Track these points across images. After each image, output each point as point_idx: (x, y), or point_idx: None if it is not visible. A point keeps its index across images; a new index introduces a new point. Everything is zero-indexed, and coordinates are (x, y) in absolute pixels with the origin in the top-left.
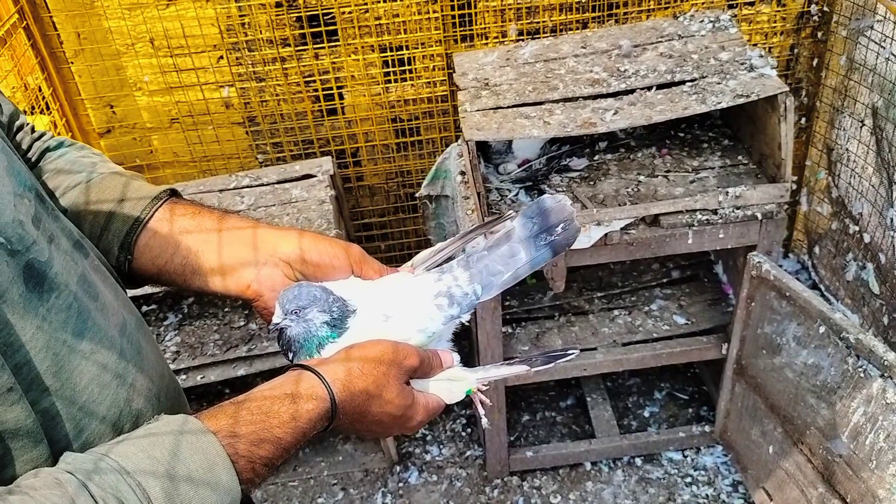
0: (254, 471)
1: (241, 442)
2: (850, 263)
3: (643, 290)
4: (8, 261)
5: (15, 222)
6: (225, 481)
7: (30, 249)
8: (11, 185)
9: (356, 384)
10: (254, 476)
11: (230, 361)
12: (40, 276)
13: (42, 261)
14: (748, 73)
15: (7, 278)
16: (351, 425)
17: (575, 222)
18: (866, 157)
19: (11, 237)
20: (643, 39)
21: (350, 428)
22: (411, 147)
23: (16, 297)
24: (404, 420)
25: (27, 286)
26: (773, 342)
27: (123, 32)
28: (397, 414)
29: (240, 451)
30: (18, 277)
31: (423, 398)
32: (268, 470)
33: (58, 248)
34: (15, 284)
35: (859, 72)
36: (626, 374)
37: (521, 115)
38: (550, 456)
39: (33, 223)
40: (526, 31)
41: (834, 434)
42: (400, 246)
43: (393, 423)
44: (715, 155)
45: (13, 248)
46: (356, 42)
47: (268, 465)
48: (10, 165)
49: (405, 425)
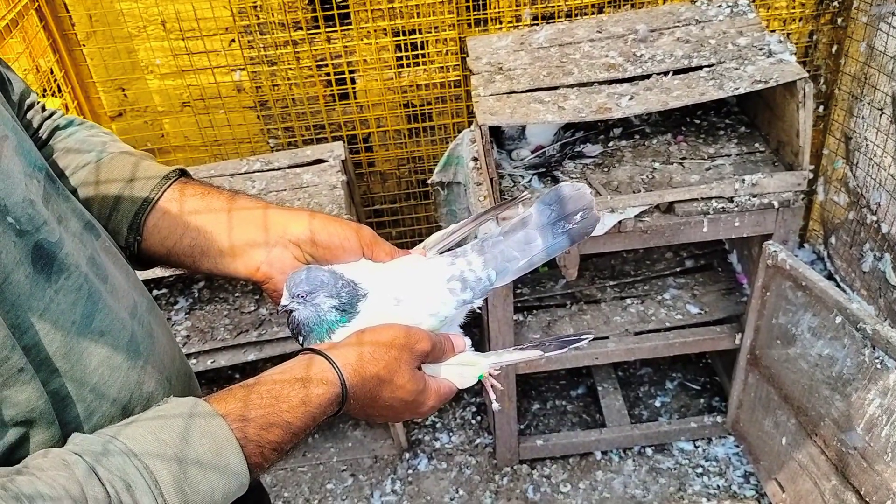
0: (262, 455)
1: (251, 426)
2: (867, 254)
3: (656, 278)
4: (16, 241)
5: (25, 202)
6: (234, 465)
7: (39, 230)
8: (21, 164)
9: (367, 369)
10: (262, 461)
11: (240, 346)
12: (49, 257)
13: (52, 241)
14: (766, 58)
15: (13, 259)
16: (362, 410)
17: (594, 210)
18: (885, 147)
19: (21, 217)
20: (660, 24)
21: (361, 413)
22: (423, 133)
23: (21, 278)
24: (415, 405)
25: (35, 267)
26: (788, 332)
27: (135, 15)
28: (409, 399)
29: (249, 434)
30: (26, 258)
31: (434, 383)
32: (277, 454)
33: (67, 230)
34: (21, 266)
35: (879, 59)
36: (638, 363)
37: (535, 99)
38: (560, 445)
39: (43, 203)
40: (541, 16)
41: (849, 426)
42: (411, 232)
43: (404, 409)
44: (731, 142)
45: (22, 227)
46: (369, 26)
47: (277, 450)
48: (20, 145)
49: (416, 410)
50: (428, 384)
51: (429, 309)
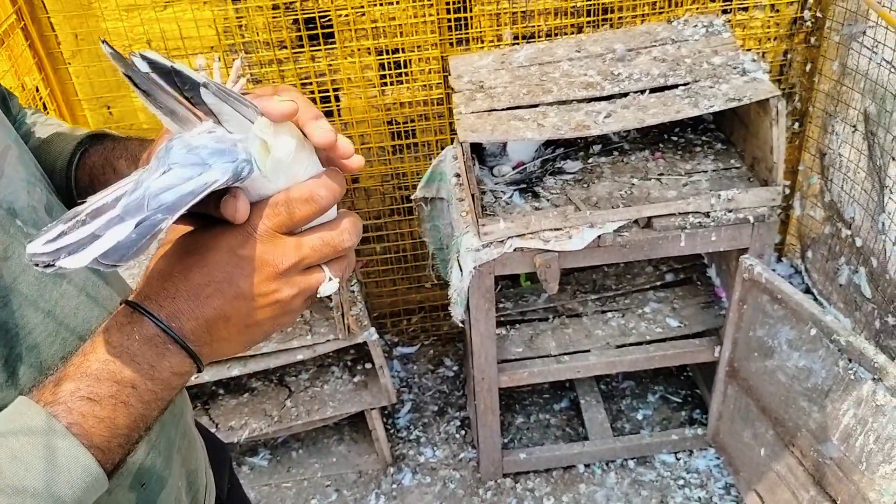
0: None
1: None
2: (843, 267)
3: (636, 292)
4: (24, 243)
5: (29, 207)
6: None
7: None
8: (24, 173)
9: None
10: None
11: (224, 362)
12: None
13: None
14: (741, 77)
15: (25, 260)
16: (229, 348)
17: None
18: (858, 162)
19: (27, 220)
20: (637, 44)
21: (230, 349)
22: (407, 149)
23: (31, 279)
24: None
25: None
26: (766, 345)
27: (121, 34)
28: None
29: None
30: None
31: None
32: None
33: None
34: (31, 267)
35: (851, 77)
36: (620, 376)
37: (515, 117)
38: (544, 458)
39: (45, 211)
40: (521, 35)
41: (825, 436)
42: (395, 248)
43: (271, 303)
44: (708, 158)
45: (28, 231)
46: (352, 45)
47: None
48: (22, 156)
49: (284, 296)
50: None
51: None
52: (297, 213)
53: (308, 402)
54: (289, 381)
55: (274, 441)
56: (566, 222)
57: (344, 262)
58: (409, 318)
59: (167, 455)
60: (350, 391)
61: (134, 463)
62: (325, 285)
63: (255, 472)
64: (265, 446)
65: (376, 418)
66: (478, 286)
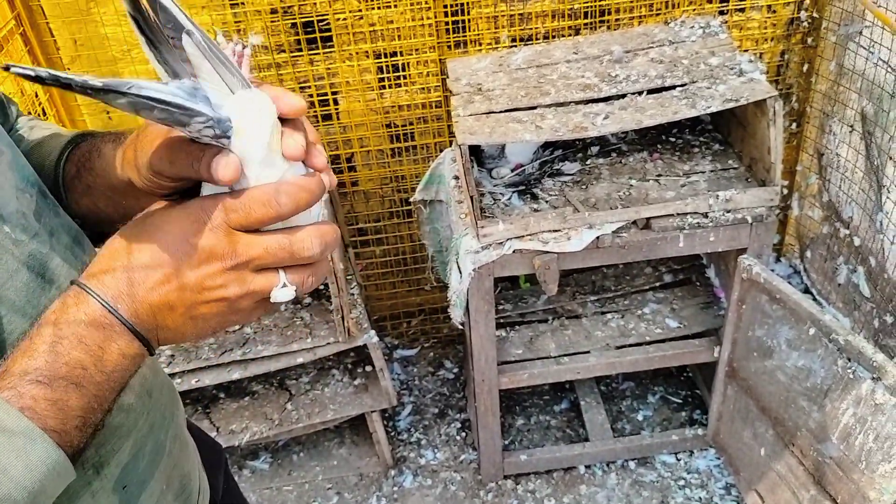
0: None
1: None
2: (841, 267)
3: (636, 293)
4: (12, 250)
5: (18, 213)
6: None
7: (32, 241)
8: (14, 179)
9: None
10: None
11: (225, 365)
12: (41, 268)
13: (43, 252)
14: (738, 77)
15: (12, 267)
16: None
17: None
18: (856, 162)
19: (16, 226)
20: (634, 45)
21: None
22: (406, 152)
23: (19, 284)
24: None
25: (31, 275)
26: (765, 345)
27: (120, 39)
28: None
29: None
30: (22, 266)
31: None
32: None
33: (59, 242)
34: (19, 273)
35: (848, 77)
36: (620, 377)
37: (513, 119)
38: (545, 459)
39: (35, 217)
40: (519, 38)
41: (825, 436)
42: (395, 251)
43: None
44: (706, 159)
45: (17, 237)
46: (351, 48)
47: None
48: (14, 160)
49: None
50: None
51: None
52: (253, 214)
53: (308, 405)
54: (289, 384)
55: (275, 444)
56: (565, 224)
57: (306, 271)
58: (409, 321)
59: (152, 459)
60: (350, 394)
61: (117, 465)
62: (277, 291)
63: (255, 475)
64: (266, 450)
65: (377, 421)
66: (477, 288)
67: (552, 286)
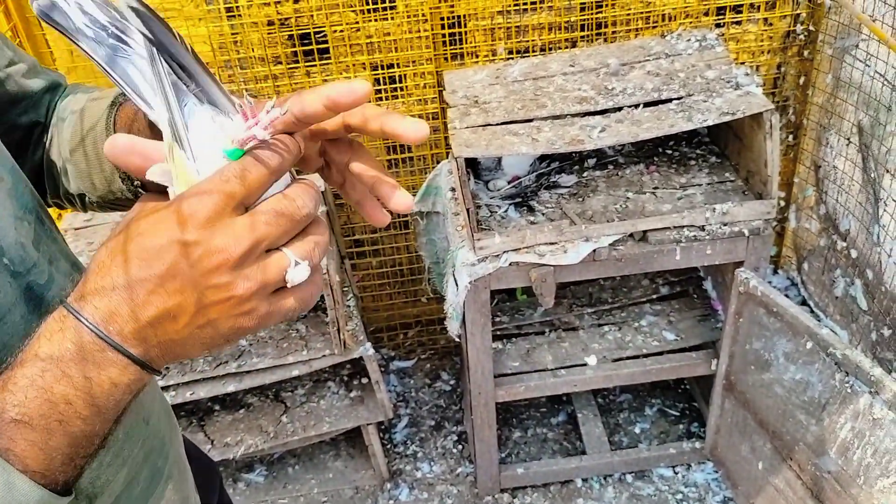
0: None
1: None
2: (839, 279)
3: (633, 306)
4: (10, 282)
5: (17, 244)
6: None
7: (30, 271)
8: (12, 207)
9: (144, 313)
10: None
11: (220, 378)
12: (38, 299)
13: (41, 283)
14: (734, 90)
15: (9, 300)
16: (183, 352)
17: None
18: (853, 175)
19: (14, 258)
20: (631, 58)
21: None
22: (402, 163)
23: (17, 318)
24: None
25: (28, 307)
26: (762, 358)
27: None
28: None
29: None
30: (20, 299)
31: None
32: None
33: (58, 270)
34: (17, 306)
35: (845, 90)
36: (618, 390)
37: (509, 132)
38: (541, 472)
39: (34, 246)
40: (515, 50)
41: (822, 450)
42: (391, 262)
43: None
44: (702, 172)
45: (15, 269)
46: (347, 60)
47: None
48: (14, 187)
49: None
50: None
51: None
52: (249, 176)
53: (304, 418)
54: (284, 396)
55: (270, 457)
56: (561, 236)
57: (309, 242)
58: (406, 332)
59: (147, 486)
60: (346, 406)
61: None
62: (291, 271)
63: (251, 488)
64: (261, 462)
65: (373, 433)
66: (473, 300)
67: (549, 299)
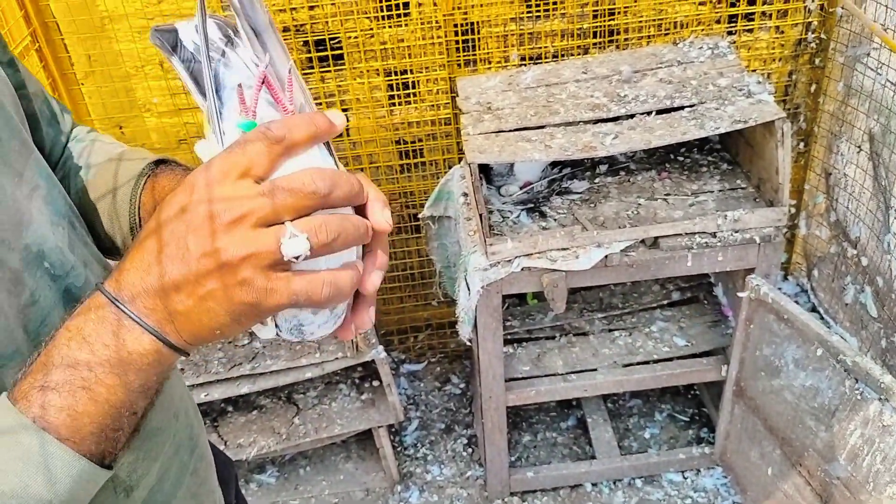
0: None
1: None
2: (849, 287)
3: (643, 311)
4: (51, 285)
5: (56, 248)
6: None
7: (69, 275)
8: (48, 213)
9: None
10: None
11: (234, 379)
12: (76, 300)
13: (78, 286)
14: (746, 98)
15: (50, 302)
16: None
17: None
18: (864, 182)
19: (55, 262)
20: (643, 65)
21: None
22: (415, 168)
23: (57, 320)
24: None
25: (66, 309)
26: (772, 364)
27: (133, 55)
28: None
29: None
30: (59, 301)
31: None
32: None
33: (93, 273)
34: (56, 308)
35: (856, 98)
36: (627, 395)
37: (522, 138)
38: (551, 476)
39: (69, 250)
40: (528, 57)
41: (832, 456)
42: (403, 265)
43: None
44: (714, 179)
45: (55, 272)
46: (361, 66)
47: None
48: (49, 193)
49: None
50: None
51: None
52: (250, 146)
53: (316, 420)
54: (297, 398)
55: (282, 458)
56: (573, 242)
57: (316, 218)
58: (416, 336)
59: (176, 479)
60: (357, 409)
61: (145, 488)
62: (287, 243)
63: (262, 489)
64: (273, 463)
65: (384, 436)
66: (485, 305)
67: (560, 304)
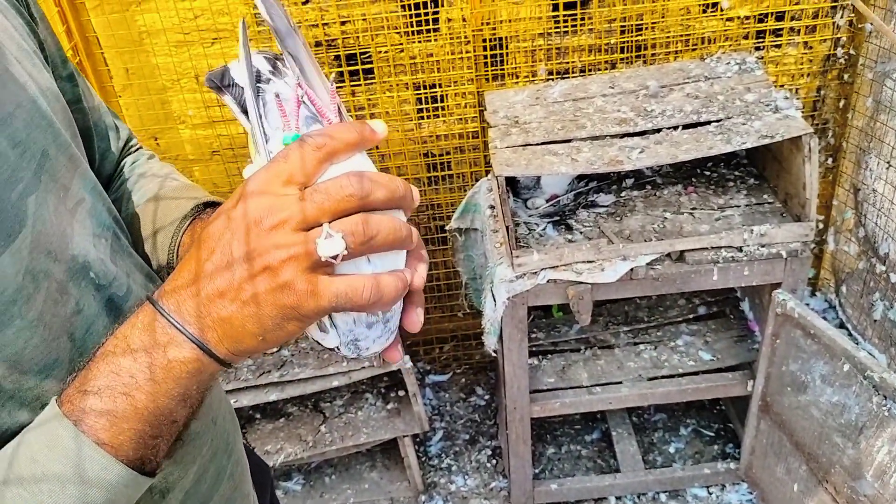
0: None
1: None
2: (878, 303)
3: (669, 325)
4: (94, 294)
5: (99, 260)
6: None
7: (111, 284)
8: (91, 225)
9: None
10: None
11: (262, 386)
12: (118, 310)
13: (120, 295)
14: (773, 114)
15: (94, 311)
16: (253, 343)
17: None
18: (893, 198)
19: (98, 273)
20: (670, 80)
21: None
22: (442, 181)
23: (101, 328)
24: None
25: (109, 319)
26: (799, 380)
27: (170, 69)
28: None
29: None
30: (103, 310)
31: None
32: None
33: (135, 282)
34: (100, 317)
35: (885, 113)
36: (652, 409)
37: (549, 152)
38: (575, 489)
39: (111, 261)
40: (555, 71)
41: (859, 473)
42: (430, 277)
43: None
44: (741, 193)
45: (99, 282)
46: (391, 80)
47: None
48: (93, 207)
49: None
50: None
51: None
52: (292, 154)
53: (342, 429)
54: (324, 406)
55: (308, 466)
56: (599, 255)
57: (354, 218)
58: (442, 347)
59: (213, 483)
60: (383, 418)
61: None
62: (322, 242)
63: (288, 496)
64: (299, 471)
65: (408, 445)
66: (511, 317)
67: (585, 316)
